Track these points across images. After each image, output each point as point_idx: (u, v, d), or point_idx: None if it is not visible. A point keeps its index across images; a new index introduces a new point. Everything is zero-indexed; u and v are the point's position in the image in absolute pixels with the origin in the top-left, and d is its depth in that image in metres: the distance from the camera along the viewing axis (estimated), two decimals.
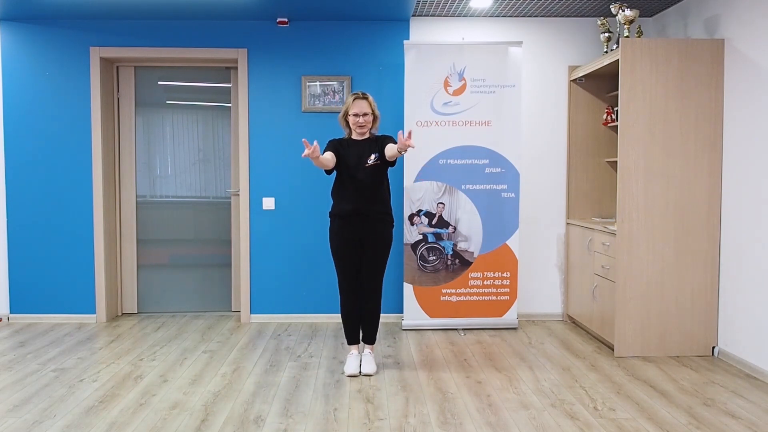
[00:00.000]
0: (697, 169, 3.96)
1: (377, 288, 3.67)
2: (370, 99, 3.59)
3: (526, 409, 3.12)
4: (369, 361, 3.68)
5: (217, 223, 5.22)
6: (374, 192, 3.60)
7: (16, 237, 4.90)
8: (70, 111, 4.86)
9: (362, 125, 3.57)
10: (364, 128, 3.59)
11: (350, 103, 3.57)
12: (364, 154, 3.58)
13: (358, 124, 3.56)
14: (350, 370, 3.64)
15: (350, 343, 3.78)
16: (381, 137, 3.66)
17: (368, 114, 3.56)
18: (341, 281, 3.69)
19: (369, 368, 3.64)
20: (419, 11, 4.73)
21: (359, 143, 3.63)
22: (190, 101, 5.17)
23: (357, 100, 3.56)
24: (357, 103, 3.55)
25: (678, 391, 3.37)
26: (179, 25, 4.84)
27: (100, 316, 4.92)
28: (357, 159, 3.58)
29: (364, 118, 3.55)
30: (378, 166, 3.59)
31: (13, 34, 4.82)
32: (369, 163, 3.56)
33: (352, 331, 3.75)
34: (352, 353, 3.74)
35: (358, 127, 3.57)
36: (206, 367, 3.81)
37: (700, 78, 3.92)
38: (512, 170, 4.62)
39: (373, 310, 3.70)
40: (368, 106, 3.57)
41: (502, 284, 4.67)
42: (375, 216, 3.61)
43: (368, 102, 3.57)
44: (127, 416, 3.01)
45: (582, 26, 4.91)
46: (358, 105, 3.55)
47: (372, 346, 3.77)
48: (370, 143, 3.62)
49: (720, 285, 3.99)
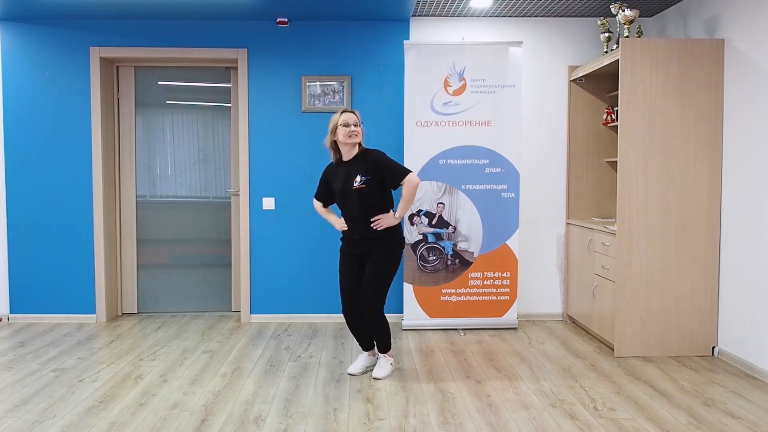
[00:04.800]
0: (696, 169, 3.96)
1: (373, 307, 3.50)
2: (356, 112, 3.54)
3: (526, 409, 3.12)
4: (381, 365, 3.63)
5: (217, 223, 5.22)
6: (367, 215, 3.46)
7: (16, 237, 4.90)
8: (70, 111, 4.86)
9: (354, 133, 3.43)
10: (355, 138, 3.45)
11: (338, 117, 3.47)
12: (351, 175, 3.46)
13: (348, 133, 3.43)
14: (352, 368, 3.65)
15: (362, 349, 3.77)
16: (370, 155, 3.48)
17: (358, 125, 3.46)
18: (342, 297, 3.64)
19: (378, 372, 3.59)
20: (419, 11, 4.73)
21: (346, 164, 3.52)
22: (190, 101, 5.17)
23: (345, 113, 3.49)
24: (346, 115, 3.47)
25: (678, 391, 3.37)
26: (179, 25, 4.84)
27: (100, 316, 4.92)
28: (344, 181, 3.48)
29: (356, 127, 3.44)
30: (368, 189, 3.43)
31: (13, 34, 4.82)
32: (355, 186, 3.43)
33: (357, 336, 3.72)
34: (363, 353, 3.75)
35: (349, 137, 3.44)
36: (206, 367, 3.81)
37: (700, 78, 3.93)
38: (512, 170, 4.62)
39: (371, 327, 3.58)
40: (356, 117, 3.49)
41: (502, 284, 4.67)
42: (374, 238, 3.49)
43: (355, 114, 3.50)
44: (127, 416, 3.01)
45: (582, 26, 4.91)
46: (347, 116, 3.47)
47: (386, 354, 3.69)
48: (358, 163, 3.48)
49: (720, 285, 3.99)
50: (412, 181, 3.41)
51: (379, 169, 3.43)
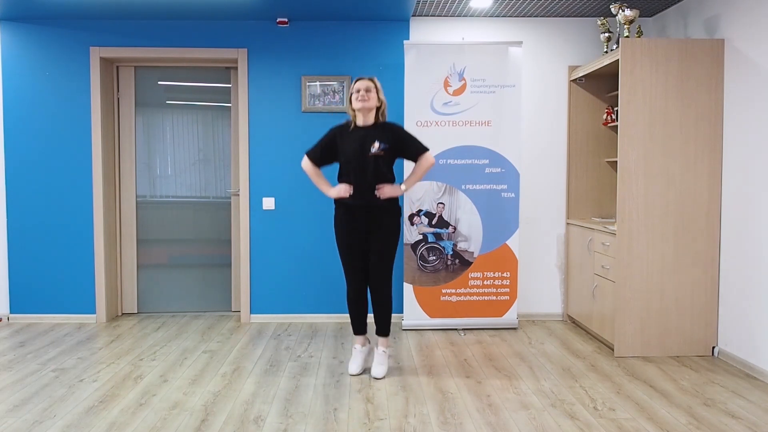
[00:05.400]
0: (696, 169, 3.96)
1: (386, 277, 3.56)
2: (375, 80, 3.50)
3: (526, 409, 3.12)
4: (380, 362, 3.60)
5: (217, 223, 5.22)
6: (377, 181, 3.46)
7: (16, 237, 4.90)
8: (70, 111, 4.86)
9: (363, 99, 3.42)
10: (365, 103, 3.43)
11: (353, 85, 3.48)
12: (367, 141, 3.45)
13: (359, 98, 3.43)
14: (353, 369, 3.60)
15: (356, 333, 3.70)
16: (389, 125, 3.54)
17: (371, 90, 3.44)
18: (346, 270, 3.60)
19: (378, 371, 3.56)
20: (419, 11, 4.73)
21: (364, 129, 3.49)
22: (190, 101, 5.17)
23: (359, 80, 3.48)
24: (359, 82, 3.47)
25: (678, 391, 3.37)
26: (179, 25, 4.84)
27: (100, 316, 4.92)
28: (360, 146, 3.45)
29: (367, 93, 3.43)
30: (385, 156, 3.47)
31: (13, 34, 4.82)
32: (373, 152, 3.44)
33: (357, 319, 3.66)
34: (356, 347, 3.68)
35: (359, 101, 3.43)
36: (206, 367, 3.81)
37: (700, 78, 3.93)
38: (512, 170, 4.62)
39: (383, 301, 3.59)
40: (371, 83, 3.47)
41: (502, 284, 4.67)
42: (380, 206, 3.50)
43: (373, 81, 3.48)
44: (127, 416, 3.02)
45: (582, 26, 4.91)
46: (360, 82, 3.46)
47: (386, 339, 3.67)
48: (377, 130, 3.48)
49: (720, 285, 3.99)
50: (429, 157, 3.53)
51: (401, 139, 3.50)
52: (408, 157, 3.57)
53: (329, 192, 3.55)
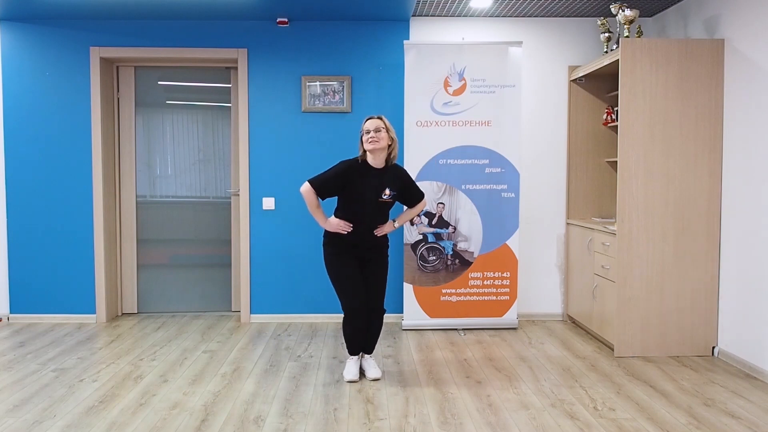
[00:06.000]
0: (696, 169, 3.96)
1: (382, 305, 3.64)
2: (383, 118, 3.50)
3: (526, 409, 3.12)
4: (373, 365, 3.64)
5: (217, 223, 5.22)
6: (379, 223, 3.56)
7: (16, 237, 4.90)
8: (70, 111, 4.86)
9: (374, 140, 3.40)
10: (376, 144, 3.41)
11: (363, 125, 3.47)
12: (381, 187, 3.47)
13: (369, 140, 3.40)
14: (351, 375, 3.55)
15: (354, 353, 3.67)
16: (398, 171, 3.56)
17: (380, 130, 3.42)
18: (345, 289, 3.51)
19: (375, 373, 3.59)
20: (419, 11, 4.73)
21: (378, 174, 3.49)
22: (190, 101, 5.17)
23: (369, 120, 3.48)
24: (369, 122, 3.46)
25: (678, 391, 3.37)
26: (179, 25, 4.84)
27: (100, 316, 4.92)
28: (374, 191, 3.47)
29: (377, 133, 3.40)
30: (391, 202, 3.56)
31: (13, 34, 4.82)
32: (383, 198, 3.49)
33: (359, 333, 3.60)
34: (352, 359, 3.66)
35: (370, 143, 3.40)
36: (206, 367, 3.81)
37: (700, 78, 3.93)
38: (512, 170, 4.62)
39: (379, 327, 3.66)
40: (380, 122, 3.46)
41: (502, 284, 4.67)
42: (380, 245, 3.61)
43: (382, 120, 3.48)
44: (127, 416, 3.01)
45: (582, 26, 4.91)
46: (370, 122, 3.46)
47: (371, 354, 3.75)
48: (387, 175, 3.50)
49: (720, 285, 3.99)
50: (425, 202, 3.76)
51: (406, 187, 3.61)
52: (407, 204, 3.68)
53: (325, 224, 3.51)
